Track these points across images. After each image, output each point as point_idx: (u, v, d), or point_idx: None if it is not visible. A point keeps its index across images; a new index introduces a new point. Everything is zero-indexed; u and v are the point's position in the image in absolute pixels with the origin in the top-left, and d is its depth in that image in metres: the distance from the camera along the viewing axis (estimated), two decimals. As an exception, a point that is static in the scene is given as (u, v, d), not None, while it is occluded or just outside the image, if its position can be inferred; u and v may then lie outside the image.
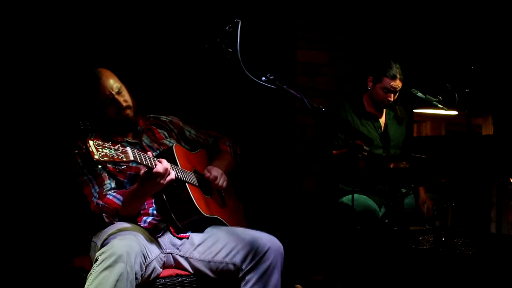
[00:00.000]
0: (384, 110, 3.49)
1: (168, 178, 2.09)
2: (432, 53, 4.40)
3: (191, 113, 3.06)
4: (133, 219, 2.28)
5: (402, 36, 4.33)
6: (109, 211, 2.20)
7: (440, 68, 4.23)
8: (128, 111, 2.35)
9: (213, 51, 2.08)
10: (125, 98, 2.34)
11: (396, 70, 3.29)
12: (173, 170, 2.13)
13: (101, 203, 2.21)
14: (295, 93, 2.10)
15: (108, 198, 2.21)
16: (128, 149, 1.95)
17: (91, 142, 1.84)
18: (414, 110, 4.73)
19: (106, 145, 1.88)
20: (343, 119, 3.35)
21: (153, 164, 2.06)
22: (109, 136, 2.34)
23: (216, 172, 2.41)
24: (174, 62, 3.45)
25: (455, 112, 3.79)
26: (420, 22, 4.38)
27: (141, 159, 2.00)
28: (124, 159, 1.92)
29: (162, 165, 2.07)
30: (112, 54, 3.15)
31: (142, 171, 2.09)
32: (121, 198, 2.21)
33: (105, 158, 1.85)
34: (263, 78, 2.06)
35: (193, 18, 3.49)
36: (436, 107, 3.28)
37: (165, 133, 2.52)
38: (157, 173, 2.05)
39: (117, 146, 1.92)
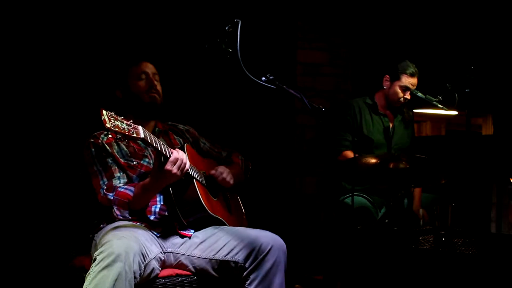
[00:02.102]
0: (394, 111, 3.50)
1: (185, 168, 2.10)
2: (432, 53, 4.40)
3: (191, 113, 3.06)
4: (138, 218, 2.28)
5: (402, 36, 4.33)
6: (121, 203, 2.21)
7: (440, 68, 4.23)
8: (157, 96, 2.42)
9: (213, 51, 2.08)
10: (158, 86, 2.45)
11: (413, 68, 3.34)
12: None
13: (112, 195, 2.21)
14: (295, 93, 2.10)
15: (119, 190, 2.22)
16: (140, 127, 1.97)
17: (104, 112, 1.85)
18: (414, 110, 4.73)
19: (119, 118, 1.89)
20: (345, 120, 3.35)
21: (168, 152, 2.06)
22: None
23: (222, 169, 2.46)
24: (173, 62, 3.45)
25: (455, 112, 3.79)
26: (420, 22, 4.38)
27: (151, 140, 2.00)
28: (134, 135, 1.92)
29: (178, 153, 2.08)
30: (111, 53, 3.16)
31: (155, 161, 2.10)
32: (132, 189, 2.22)
33: (116, 129, 1.86)
34: (263, 78, 2.06)
35: (193, 18, 3.49)
36: (436, 107, 3.29)
37: (181, 140, 2.55)
38: (172, 162, 2.06)
39: (130, 121, 1.93)
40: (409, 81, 3.34)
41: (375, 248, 2.66)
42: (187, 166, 2.12)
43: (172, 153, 2.08)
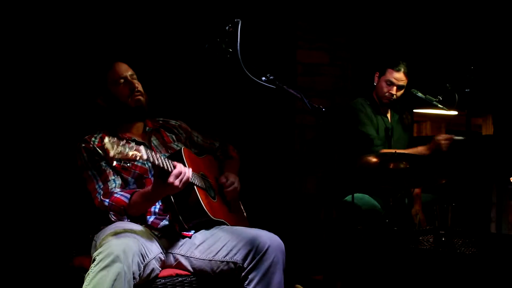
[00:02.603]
0: (389, 110, 3.49)
1: (187, 181, 2.10)
2: (432, 53, 4.40)
3: (191, 113, 3.06)
4: (138, 218, 2.28)
5: (402, 36, 4.33)
6: (117, 209, 2.21)
7: (440, 68, 4.23)
8: (141, 97, 2.40)
9: (213, 51, 2.08)
10: (139, 87, 2.42)
11: (401, 64, 3.31)
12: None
13: (108, 201, 2.22)
14: (295, 93, 2.10)
15: (115, 196, 2.22)
16: (142, 148, 1.95)
17: (106, 139, 1.84)
18: (414, 110, 4.73)
19: (121, 143, 1.89)
20: (360, 118, 3.35)
21: (170, 167, 2.06)
22: (116, 134, 2.35)
23: (233, 178, 2.51)
24: (173, 62, 3.45)
25: (455, 112, 3.79)
26: (420, 22, 4.37)
27: (153, 159, 1.99)
28: (139, 158, 1.92)
29: (179, 168, 2.07)
30: (111, 53, 3.15)
31: (156, 174, 2.10)
32: (128, 196, 2.22)
33: (120, 156, 1.86)
34: (263, 78, 2.06)
35: (193, 18, 3.49)
36: (436, 107, 3.29)
37: (174, 136, 2.54)
38: (175, 176, 2.06)
39: (132, 144, 1.92)
40: (393, 75, 3.30)
41: (375, 248, 2.66)
42: (190, 179, 2.12)
43: (175, 167, 2.08)
